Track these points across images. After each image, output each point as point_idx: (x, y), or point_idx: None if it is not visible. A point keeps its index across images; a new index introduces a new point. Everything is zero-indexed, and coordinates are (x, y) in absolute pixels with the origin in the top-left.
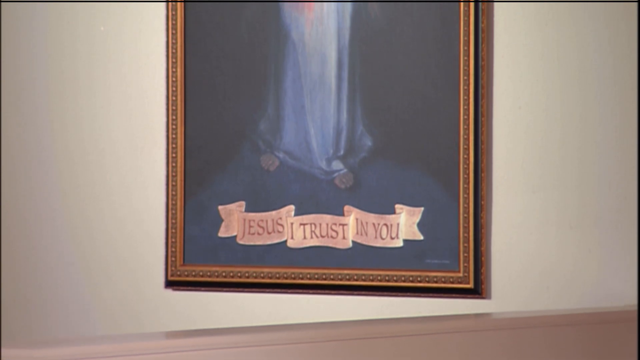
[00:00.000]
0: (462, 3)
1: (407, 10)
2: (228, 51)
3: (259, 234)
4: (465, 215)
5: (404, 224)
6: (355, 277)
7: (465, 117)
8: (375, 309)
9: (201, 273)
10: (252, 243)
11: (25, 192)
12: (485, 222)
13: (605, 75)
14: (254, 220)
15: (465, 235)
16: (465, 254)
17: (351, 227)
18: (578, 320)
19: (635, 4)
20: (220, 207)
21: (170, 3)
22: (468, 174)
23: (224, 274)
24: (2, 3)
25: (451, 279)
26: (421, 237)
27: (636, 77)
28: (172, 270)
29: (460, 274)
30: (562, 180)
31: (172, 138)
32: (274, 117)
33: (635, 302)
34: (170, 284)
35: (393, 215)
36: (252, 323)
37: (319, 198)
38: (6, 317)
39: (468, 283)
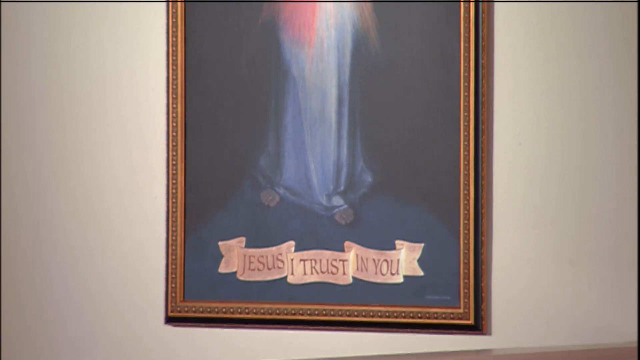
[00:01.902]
0: (462, 39)
1: (407, 46)
2: (228, 87)
3: (259, 269)
4: (466, 251)
5: (404, 260)
6: (355, 313)
7: (466, 153)
8: (376, 345)
9: (201, 309)
10: (252, 279)
11: (27, 228)
12: (485, 257)
13: (606, 112)
14: (254, 256)
15: (466, 271)
16: (466, 290)
17: (351, 262)
18: (578, 357)
19: (636, 33)
20: (220, 243)
21: (170, 39)
22: (468, 210)
23: (224, 309)
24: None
25: (451, 315)
26: (421, 273)
27: (636, 115)
28: (172, 306)
29: (461, 310)
30: (562, 216)
31: (173, 174)
32: (274, 153)
33: (635, 338)
34: (170, 319)
35: (393, 251)
36: (252, 359)
37: (319, 234)
38: (7, 352)
39: (468, 319)
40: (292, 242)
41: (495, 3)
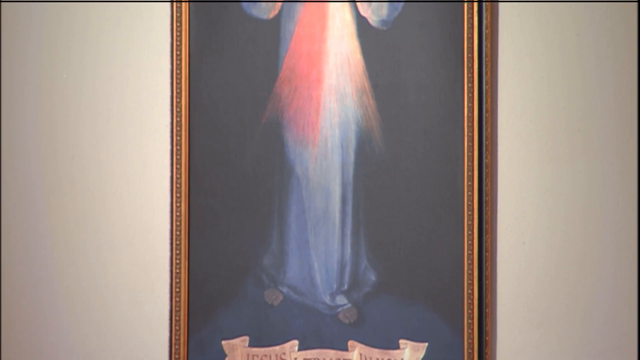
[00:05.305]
0: (465, 138)
1: (411, 145)
2: (232, 185)
3: None
4: (470, 350)
5: (408, 359)
6: None
7: (470, 252)
8: None
9: None
10: None
11: (27, 329)
12: (489, 357)
13: (610, 211)
14: (257, 355)
15: None
16: None
17: None
18: None
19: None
20: (223, 342)
21: (174, 137)
22: (472, 310)
23: None
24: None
25: None
26: None
27: (636, 226)
28: None
29: None
30: (566, 316)
31: (176, 273)
32: (277, 252)
33: None
34: None
35: (397, 351)
36: None
37: (322, 333)
38: None
39: None
40: (296, 341)
41: (499, 100)
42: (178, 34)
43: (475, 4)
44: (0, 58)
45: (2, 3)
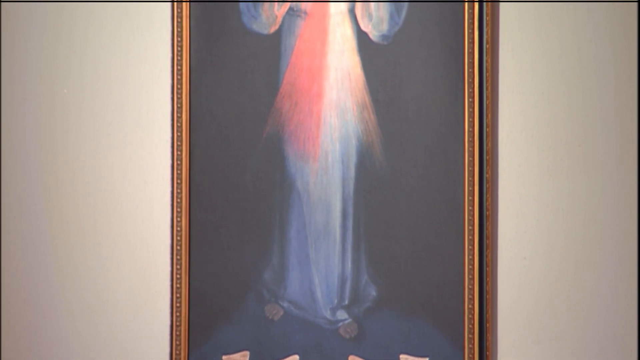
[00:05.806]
0: (466, 153)
1: (412, 160)
2: (233, 201)
3: None
4: None
5: None
6: None
7: (470, 267)
8: None
9: None
10: None
11: (29, 348)
12: None
13: (610, 225)
14: None
15: None
16: None
17: None
18: None
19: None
20: (224, 357)
21: (175, 152)
22: (473, 325)
23: None
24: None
25: None
26: None
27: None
28: None
29: None
30: (566, 331)
31: (177, 288)
32: (278, 267)
33: None
34: None
35: None
36: None
37: (323, 348)
38: None
39: None
40: (297, 356)
41: (500, 115)
42: (179, 49)
43: (476, 19)
44: (0, 75)
45: (2, 18)
